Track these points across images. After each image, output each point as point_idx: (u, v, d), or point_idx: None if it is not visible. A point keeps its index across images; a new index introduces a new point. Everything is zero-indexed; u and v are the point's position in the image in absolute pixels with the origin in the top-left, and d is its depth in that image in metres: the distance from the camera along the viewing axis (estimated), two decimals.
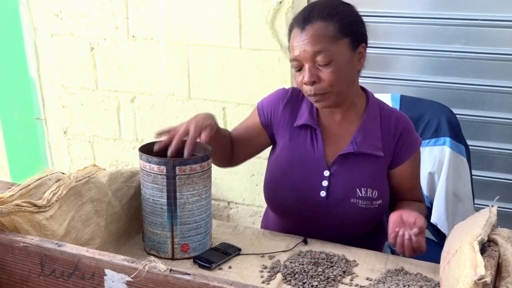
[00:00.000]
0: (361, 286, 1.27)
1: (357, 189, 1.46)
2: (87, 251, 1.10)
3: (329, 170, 1.47)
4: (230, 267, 1.36)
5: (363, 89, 1.52)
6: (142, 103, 2.51)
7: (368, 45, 1.45)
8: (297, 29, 1.40)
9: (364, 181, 1.46)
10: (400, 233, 1.30)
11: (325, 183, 1.47)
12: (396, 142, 1.48)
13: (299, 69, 1.41)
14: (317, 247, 1.45)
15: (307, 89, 1.40)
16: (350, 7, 1.44)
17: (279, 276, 1.28)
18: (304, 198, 1.49)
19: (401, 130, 1.48)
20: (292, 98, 1.54)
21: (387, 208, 1.54)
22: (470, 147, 1.84)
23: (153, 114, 2.50)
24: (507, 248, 1.12)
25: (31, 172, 1.32)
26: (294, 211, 1.50)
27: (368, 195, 1.46)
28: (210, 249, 1.43)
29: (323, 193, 1.47)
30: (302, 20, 1.39)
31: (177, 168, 1.33)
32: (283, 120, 1.54)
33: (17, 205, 1.16)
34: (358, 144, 1.45)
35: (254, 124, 1.60)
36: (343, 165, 1.47)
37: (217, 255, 1.39)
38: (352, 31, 1.40)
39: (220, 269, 1.35)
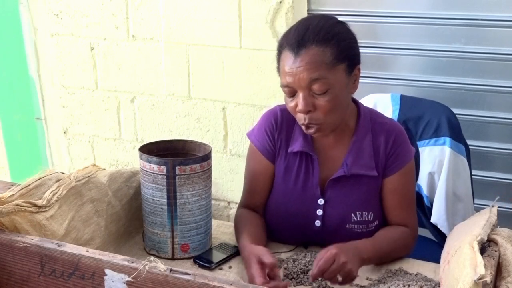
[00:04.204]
0: (361, 286, 1.27)
1: (352, 214, 1.40)
2: (87, 251, 1.10)
3: (324, 198, 1.42)
4: (230, 267, 1.36)
5: (353, 100, 1.44)
6: (142, 103, 2.51)
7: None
8: (290, 53, 1.30)
9: (359, 205, 1.41)
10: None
11: (319, 212, 1.42)
12: (387, 154, 1.41)
13: (292, 95, 1.33)
14: (318, 248, 1.45)
15: (300, 117, 1.33)
16: (345, 27, 1.35)
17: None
18: (299, 229, 1.45)
19: (392, 142, 1.41)
20: (283, 122, 1.46)
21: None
22: (470, 147, 1.84)
23: (153, 114, 2.50)
24: (507, 248, 1.12)
25: (31, 172, 1.32)
26: (290, 239, 1.45)
27: (363, 219, 1.41)
28: (210, 249, 1.43)
29: (318, 223, 1.43)
30: (296, 43, 1.29)
31: (177, 168, 1.33)
32: (279, 146, 1.46)
33: (17, 205, 1.16)
34: (349, 166, 1.39)
35: (261, 168, 1.49)
36: (336, 191, 1.42)
37: (217, 255, 1.39)
38: (349, 55, 1.32)
39: (220, 269, 1.35)
